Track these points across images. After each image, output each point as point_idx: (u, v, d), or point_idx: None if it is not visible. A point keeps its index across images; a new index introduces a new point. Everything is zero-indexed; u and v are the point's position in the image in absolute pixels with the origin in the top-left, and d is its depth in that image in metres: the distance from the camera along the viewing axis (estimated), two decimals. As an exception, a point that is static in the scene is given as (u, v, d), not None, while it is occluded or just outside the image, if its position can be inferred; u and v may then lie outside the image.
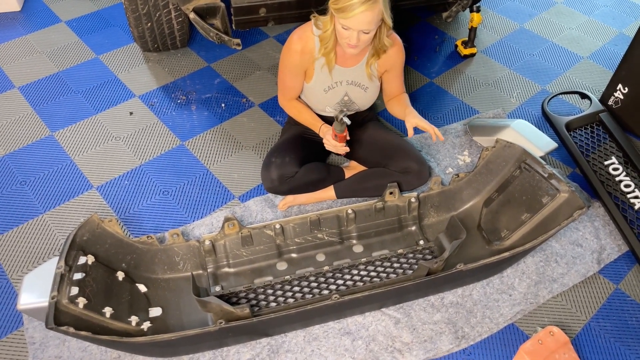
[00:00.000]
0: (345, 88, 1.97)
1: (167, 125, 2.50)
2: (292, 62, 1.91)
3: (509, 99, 2.70)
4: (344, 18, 1.65)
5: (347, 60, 1.92)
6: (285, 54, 1.92)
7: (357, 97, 2.00)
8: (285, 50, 1.91)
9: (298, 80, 1.98)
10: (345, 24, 1.67)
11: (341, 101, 2.01)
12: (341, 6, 1.63)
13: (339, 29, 1.72)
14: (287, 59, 1.92)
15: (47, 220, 2.09)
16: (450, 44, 3.03)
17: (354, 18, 1.64)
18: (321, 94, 1.98)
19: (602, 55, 3.01)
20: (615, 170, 2.27)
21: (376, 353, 1.72)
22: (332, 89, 1.97)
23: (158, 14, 2.57)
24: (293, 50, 1.88)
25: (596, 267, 1.96)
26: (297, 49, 1.87)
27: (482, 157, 2.05)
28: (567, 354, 1.66)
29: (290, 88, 2.01)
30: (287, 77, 1.98)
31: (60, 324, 1.44)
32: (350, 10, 1.62)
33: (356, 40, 1.71)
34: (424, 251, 1.97)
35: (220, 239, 1.88)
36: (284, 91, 2.05)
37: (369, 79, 1.97)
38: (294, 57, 1.89)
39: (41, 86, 2.68)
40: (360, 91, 1.99)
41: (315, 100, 2.02)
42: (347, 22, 1.66)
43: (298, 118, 2.07)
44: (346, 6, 1.62)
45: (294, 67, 1.92)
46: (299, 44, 1.87)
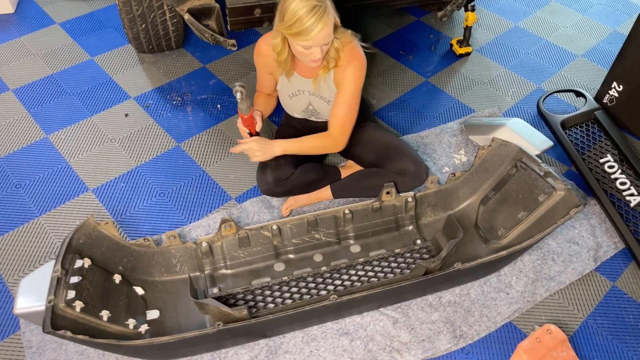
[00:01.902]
0: (308, 97, 1.96)
1: (163, 126, 2.50)
2: (257, 62, 1.95)
3: (504, 98, 2.71)
4: (305, 40, 1.62)
5: (307, 71, 1.89)
6: (256, 56, 1.94)
7: (320, 108, 1.99)
8: (255, 55, 1.95)
9: (266, 80, 2.00)
10: (306, 44, 1.65)
11: (306, 109, 2.02)
12: (298, 30, 1.60)
13: (300, 50, 1.68)
14: (255, 60, 1.96)
15: (43, 223, 2.08)
16: (445, 43, 3.03)
17: (316, 37, 1.61)
18: (287, 99, 2.01)
19: (596, 53, 3.02)
20: (610, 168, 2.27)
21: (374, 353, 1.72)
22: (296, 96, 1.98)
23: (152, 15, 2.56)
24: (257, 51, 1.91)
25: (593, 265, 1.97)
26: (263, 51, 1.88)
27: (478, 155, 2.06)
28: (564, 352, 1.67)
29: (260, 85, 2.05)
30: (261, 77, 2.02)
31: (58, 328, 1.43)
32: (309, 32, 1.60)
33: (320, 54, 1.70)
34: (421, 250, 1.97)
35: (217, 240, 1.87)
36: (260, 87, 2.07)
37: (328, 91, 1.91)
38: (257, 58, 1.93)
39: (35, 88, 2.67)
40: (323, 103, 1.96)
41: (284, 103, 2.06)
42: (308, 42, 1.63)
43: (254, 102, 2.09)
44: (303, 30, 1.59)
45: (260, 66, 1.96)
46: (264, 46, 1.87)
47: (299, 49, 1.69)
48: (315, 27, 1.59)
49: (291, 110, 2.07)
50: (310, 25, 1.58)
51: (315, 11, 1.58)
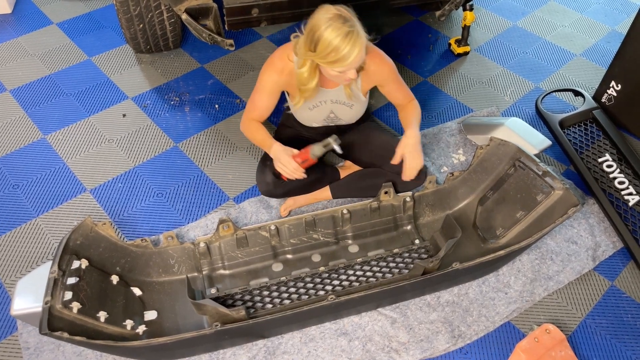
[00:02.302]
0: (330, 106, 1.94)
1: (161, 127, 2.49)
2: (271, 79, 1.83)
3: (502, 97, 2.71)
4: (342, 66, 1.60)
5: (330, 82, 1.88)
6: (265, 71, 1.84)
7: (342, 114, 1.98)
8: (266, 67, 1.84)
9: (271, 100, 1.88)
10: (343, 69, 1.63)
11: (327, 117, 1.99)
12: (334, 59, 1.58)
13: (334, 74, 1.67)
14: (267, 75, 1.83)
15: (40, 224, 2.08)
16: (443, 42, 3.03)
17: (352, 61, 1.60)
18: (306, 112, 1.96)
19: (595, 52, 3.01)
20: (609, 167, 2.27)
21: (373, 353, 1.72)
22: (317, 108, 1.94)
23: (150, 15, 2.56)
24: (274, 67, 1.81)
25: (591, 264, 1.97)
26: (278, 67, 1.81)
27: (476, 155, 2.05)
28: (563, 352, 1.67)
29: (259, 108, 1.90)
30: (261, 96, 1.87)
31: (55, 329, 1.43)
32: (346, 59, 1.58)
33: (355, 73, 1.69)
34: (420, 250, 1.97)
35: (215, 240, 1.87)
36: (251, 111, 1.92)
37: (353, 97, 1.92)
38: (274, 75, 1.82)
39: (33, 89, 2.66)
40: (346, 108, 1.96)
41: (301, 116, 2.00)
42: (345, 67, 1.62)
43: (252, 138, 1.93)
44: (340, 58, 1.57)
45: (272, 84, 1.84)
46: (280, 62, 1.80)
47: (333, 74, 1.67)
48: (352, 53, 1.57)
49: (309, 121, 2.01)
50: (347, 53, 1.57)
51: (350, 37, 1.56)
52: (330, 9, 1.59)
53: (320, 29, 1.56)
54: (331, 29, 1.55)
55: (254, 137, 1.92)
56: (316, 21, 1.58)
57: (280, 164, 1.84)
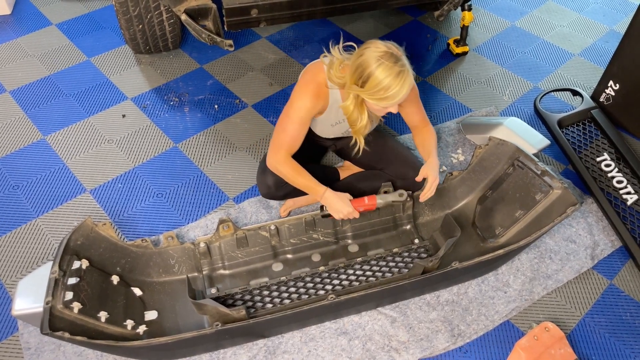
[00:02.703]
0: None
1: (160, 127, 2.50)
2: (307, 107, 1.73)
3: (501, 97, 2.71)
4: (391, 102, 1.60)
5: None
6: (299, 98, 1.73)
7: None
8: (300, 94, 1.74)
9: (305, 128, 1.78)
10: (390, 104, 1.61)
11: (345, 132, 1.98)
12: (383, 96, 1.57)
13: (377, 109, 1.66)
14: (302, 102, 1.73)
15: (40, 225, 2.08)
16: (442, 42, 3.04)
17: (400, 98, 1.59)
18: (328, 127, 1.93)
19: (593, 52, 3.02)
20: (607, 167, 2.28)
21: (373, 352, 1.72)
22: (339, 124, 1.91)
23: (149, 15, 2.56)
24: (310, 94, 1.72)
25: (590, 263, 1.98)
26: (314, 92, 1.73)
27: (475, 155, 2.06)
28: (562, 349, 1.67)
29: (293, 138, 1.76)
30: (295, 125, 1.74)
31: (56, 329, 1.43)
32: (395, 97, 1.57)
33: (397, 109, 1.67)
34: (419, 250, 1.97)
35: (215, 241, 1.87)
36: (283, 143, 1.76)
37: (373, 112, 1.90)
38: (310, 102, 1.73)
39: (33, 90, 2.67)
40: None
41: (320, 129, 1.96)
42: (389, 103, 1.60)
43: (293, 181, 1.79)
44: (390, 96, 1.57)
45: (308, 111, 1.74)
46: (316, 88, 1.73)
47: (376, 107, 1.66)
48: (402, 92, 1.57)
49: (326, 134, 1.97)
50: (397, 92, 1.56)
51: (401, 77, 1.55)
52: (380, 45, 1.57)
53: (371, 67, 1.54)
54: (382, 67, 1.54)
55: (296, 181, 1.78)
56: (366, 58, 1.55)
57: (334, 210, 1.79)
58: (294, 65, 2.85)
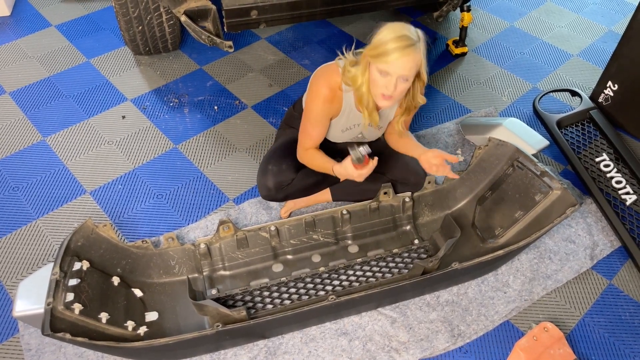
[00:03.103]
0: (361, 128, 1.92)
1: (160, 128, 2.50)
2: (323, 111, 1.78)
3: (500, 98, 2.72)
4: (384, 62, 1.57)
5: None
6: (315, 103, 1.77)
7: (370, 135, 1.97)
8: (315, 100, 1.77)
9: (324, 128, 1.85)
10: (385, 68, 1.58)
11: (355, 138, 1.97)
12: (382, 50, 1.56)
13: (375, 77, 1.63)
14: (318, 107, 1.77)
15: (40, 226, 2.08)
16: (441, 43, 3.05)
17: (395, 62, 1.56)
18: (338, 133, 1.93)
19: (591, 52, 3.03)
20: (606, 167, 2.29)
21: (373, 353, 1.73)
22: (349, 130, 1.91)
23: (149, 17, 2.56)
24: (324, 99, 1.75)
25: (589, 263, 1.98)
26: (328, 97, 1.75)
27: (475, 155, 2.07)
28: (561, 349, 1.68)
29: (314, 138, 1.85)
30: (314, 128, 1.82)
31: (57, 330, 1.43)
32: (388, 54, 1.55)
33: (393, 88, 1.60)
34: (419, 250, 1.98)
35: (215, 242, 1.88)
36: (306, 142, 1.86)
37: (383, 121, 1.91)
38: (325, 106, 1.76)
39: (32, 91, 2.67)
40: (375, 130, 1.94)
41: (332, 135, 1.95)
42: (387, 66, 1.57)
43: (312, 165, 1.89)
44: (388, 50, 1.55)
45: (324, 114, 1.79)
46: (330, 93, 1.75)
47: (375, 76, 1.62)
48: (397, 52, 1.55)
49: (337, 139, 1.98)
50: (392, 49, 1.54)
51: (403, 40, 1.55)
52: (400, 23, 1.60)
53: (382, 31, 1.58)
54: (391, 29, 1.57)
55: (314, 164, 1.88)
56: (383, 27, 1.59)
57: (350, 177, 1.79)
58: (294, 66, 2.86)
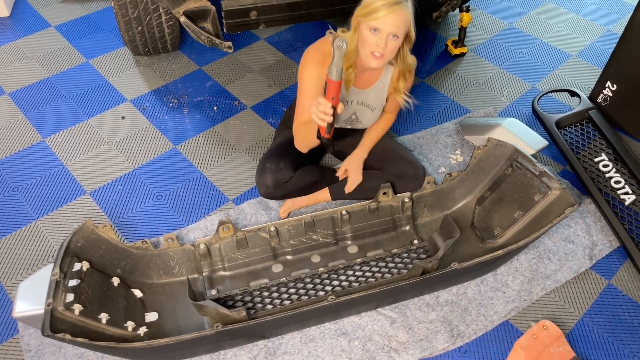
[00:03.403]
0: (354, 107, 1.93)
1: (160, 129, 2.50)
2: (313, 75, 1.78)
3: (499, 98, 2.73)
4: (375, 19, 1.61)
5: (361, 82, 1.89)
6: (303, 71, 1.80)
7: (363, 117, 1.98)
8: (304, 67, 1.80)
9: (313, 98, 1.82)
10: (375, 25, 1.62)
11: (348, 119, 1.98)
12: (372, 8, 1.61)
13: (366, 36, 1.66)
14: (305, 75, 1.79)
15: (40, 227, 2.08)
16: (440, 43, 3.05)
17: (385, 18, 1.60)
18: None
19: (590, 52, 3.04)
20: (605, 167, 2.29)
21: (373, 353, 1.73)
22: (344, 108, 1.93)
23: (148, 17, 2.56)
24: (313, 62, 1.78)
25: (588, 263, 1.99)
26: (318, 60, 1.77)
27: (474, 156, 2.07)
28: (560, 347, 1.68)
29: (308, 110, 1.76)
30: (307, 99, 1.81)
31: (57, 331, 1.44)
32: (378, 11, 1.60)
33: (384, 45, 1.65)
34: (419, 250, 1.98)
35: (215, 242, 1.88)
36: (300, 115, 1.86)
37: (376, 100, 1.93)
38: (315, 69, 1.77)
39: (32, 92, 2.67)
40: (368, 111, 1.96)
41: None
42: (377, 22, 1.61)
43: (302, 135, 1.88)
44: (378, 7, 1.60)
45: (315, 79, 1.78)
46: (319, 56, 1.77)
47: (365, 35, 1.66)
48: (386, 9, 1.60)
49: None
50: (381, 6, 1.60)
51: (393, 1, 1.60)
52: None
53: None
54: None
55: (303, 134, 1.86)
56: None
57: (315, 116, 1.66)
58: (293, 66, 2.86)
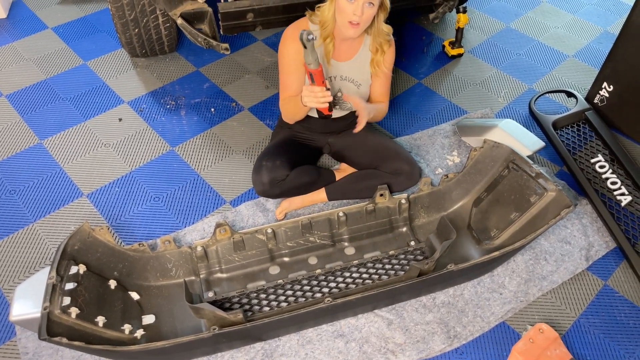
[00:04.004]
0: (339, 83, 1.96)
1: (157, 131, 2.50)
2: (293, 50, 1.86)
3: (496, 99, 2.73)
4: None
5: (341, 54, 1.92)
6: (283, 48, 1.89)
7: (349, 93, 1.99)
8: (283, 44, 1.89)
9: (298, 75, 1.91)
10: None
11: (336, 97, 1.98)
12: None
13: (343, 5, 1.72)
14: (285, 52, 1.88)
15: (37, 229, 2.08)
16: (437, 44, 3.05)
17: None
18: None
19: (587, 53, 3.04)
20: (601, 168, 2.30)
21: (369, 355, 1.73)
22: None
23: (145, 19, 2.56)
24: (291, 39, 1.85)
25: (585, 264, 1.99)
26: (296, 36, 1.77)
27: (470, 157, 2.07)
28: (557, 350, 1.69)
29: (291, 87, 1.94)
30: (289, 76, 1.92)
31: (53, 334, 1.44)
32: None
33: (360, 12, 1.71)
34: (415, 252, 1.98)
35: (212, 244, 1.88)
36: (284, 92, 1.97)
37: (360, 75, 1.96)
38: (293, 46, 1.85)
39: (29, 94, 2.67)
40: (354, 87, 1.98)
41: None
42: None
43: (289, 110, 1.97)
44: None
45: (295, 55, 1.86)
46: (296, 33, 1.78)
47: (342, 4, 1.72)
48: None
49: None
50: None
51: None
52: None
53: None
54: None
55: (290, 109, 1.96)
56: None
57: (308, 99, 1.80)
58: (290, 68, 2.86)
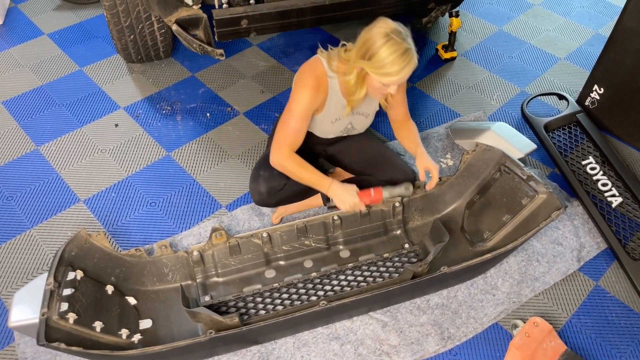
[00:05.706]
0: (350, 118, 1.95)
1: (153, 136, 2.52)
2: (308, 99, 1.76)
3: (489, 102, 2.76)
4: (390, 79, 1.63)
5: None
6: (299, 92, 1.76)
7: (358, 124, 2.01)
8: (301, 89, 1.76)
9: (306, 123, 1.82)
10: (389, 82, 1.64)
11: (345, 129, 2.00)
12: (387, 71, 1.61)
13: (377, 85, 1.68)
14: (304, 95, 1.75)
15: (35, 235, 2.10)
16: (430, 48, 3.08)
17: (403, 76, 1.63)
18: (328, 125, 1.95)
19: (578, 56, 3.08)
20: (592, 170, 2.33)
21: (365, 356, 1.75)
22: (339, 120, 1.94)
23: (141, 26, 2.58)
24: (309, 87, 1.75)
25: (576, 265, 2.02)
26: (314, 84, 1.75)
27: (463, 160, 2.10)
28: (552, 342, 1.71)
29: (296, 133, 1.79)
30: (297, 121, 1.77)
31: (51, 340, 1.46)
32: (398, 74, 1.61)
33: (395, 90, 1.71)
34: (409, 254, 2.01)
35: (208, 249, 1.90)
36: (286, 138, 1.79)
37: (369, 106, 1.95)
38: (311, 94, 1.75)
39: (25, 100, 2.68)
40: (363, 119, 1.99)
41: (320, 129, 1.97)
42: (396, 79, 1.63)
43: (300, 176, 1.82)
44: (393, 72, 1.60)
45: (309, 104, 1.77)
46: (315, 80, 1.75)
47: (376, 85, 1.68)
48: (405, 69, 1.61)
49: (327, 133, 1.99)
50: (401, 69, 1.60)
51: (407, 55, 1.60)
52: (389, 23, 1.64)
53: (378, 41, 1.60)
54: (390, 43, 1.59)
55: (301, 176, 1.82)
56: (375, 33, 1.62)
57: (341, 201, 1.81)
58: (285, 72, 2.88)
